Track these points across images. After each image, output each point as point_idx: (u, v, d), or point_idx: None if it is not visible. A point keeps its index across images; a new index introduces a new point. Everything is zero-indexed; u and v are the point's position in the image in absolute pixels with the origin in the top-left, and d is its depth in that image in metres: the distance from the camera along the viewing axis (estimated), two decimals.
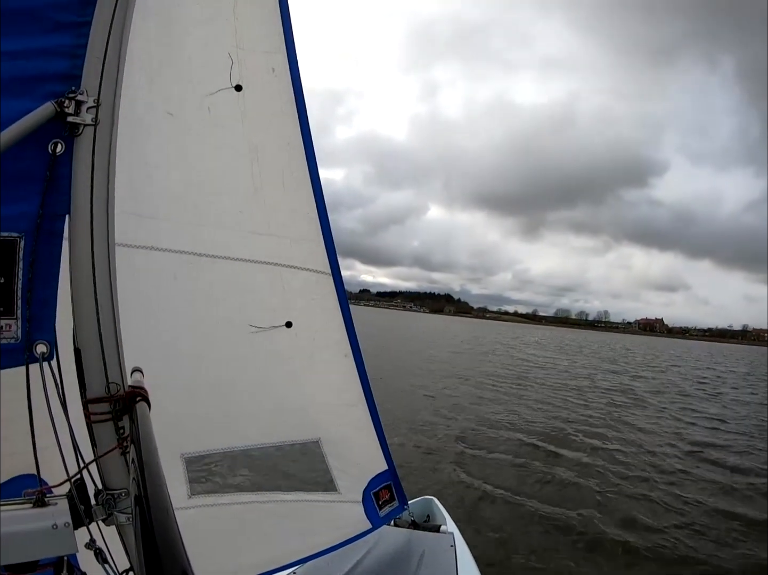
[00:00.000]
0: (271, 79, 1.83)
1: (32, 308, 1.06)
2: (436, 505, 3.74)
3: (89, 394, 1.04)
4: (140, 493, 0.72)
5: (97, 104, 1.08)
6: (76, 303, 1.05)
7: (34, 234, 1.06)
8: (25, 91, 1.07)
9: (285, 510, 2.21)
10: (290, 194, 1.95)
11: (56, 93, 1.06)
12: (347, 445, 2.29)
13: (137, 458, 0.81)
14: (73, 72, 1.09)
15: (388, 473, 2.42)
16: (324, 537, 2.25)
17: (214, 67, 1.73)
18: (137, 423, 0.94)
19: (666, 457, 9.34)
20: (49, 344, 1.09)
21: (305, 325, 2.07)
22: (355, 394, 2.25)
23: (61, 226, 1.09)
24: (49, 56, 1.09)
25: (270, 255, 1.95)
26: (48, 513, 0.86)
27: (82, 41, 1.10)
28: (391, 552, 2.80)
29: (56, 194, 1.07)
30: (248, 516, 2.12)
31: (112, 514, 1.00)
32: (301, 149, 1.91)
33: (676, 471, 8.51)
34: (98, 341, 1.05)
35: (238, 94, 1.77)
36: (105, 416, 1.03)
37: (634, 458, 9.10)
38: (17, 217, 1.05)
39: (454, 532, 3.13)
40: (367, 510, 2.35)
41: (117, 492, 1.02)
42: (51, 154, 1.05)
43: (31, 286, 1.06)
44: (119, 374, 1.07)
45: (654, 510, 6.48)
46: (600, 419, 12.60)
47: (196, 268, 1.81)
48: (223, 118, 1.77)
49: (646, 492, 7.19)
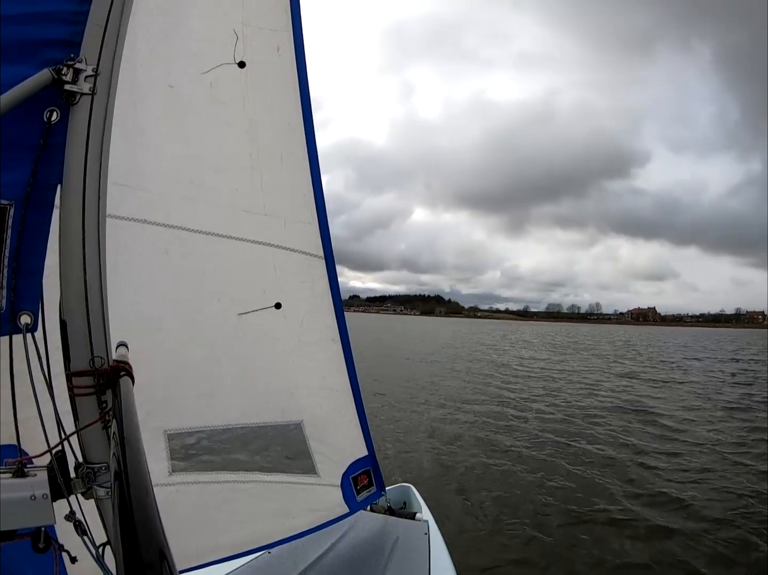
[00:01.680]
0: (275, 58, 1.80)
1: (18, 278, 1.05)
2: (413, 493, 3.79)
3: (73, 367, 1.03)
4: (120, 468, 0.72)
5: (96, 73, 1.05)
6: (63, 275, 1.04)
7: (25, 202, 1.04)
8: (23, 56, 1.05)
9: (264, 491, 2.23)
10: (287, 175, 1.93)
11: (55, 60, 1.04)
12: (329, 429, 2.30)
13: (118, 433, 0.81)
14: (74, 39, 1.07)
15: (368, 458, 2.45)
16: (302, 520, 2.27)
17: (218, 41, 1.69)
18: (120, 398, 0.94)
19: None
20: (34, 315, 1.08)
21: (294, 307, 2.07)
22: (340, 379, 2.26)
23: (52, 196, 1.07)
24: (50, 22, 1.07)
25: (263, 235, 1.93)
26: (27, 484, 0.86)
27: (84, 8, 1.08)
28: (366, 536, 2.84)
29: (49, 163, 1.05)
30: (228, 496, 2.13)
31: (92, 488, 1.00)
32: (301, 130, 1.89)
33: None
34: (84, 314, 1.04)
35: (241, 70, 1.74)
36: (88, 389, 1.03)
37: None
38: (8, 184, 1.04)
39: (429, 520, 3.18)
40: (345, 494, 2.38)
41: (97, 466, 1.02)
42: (46, 122, 1.03)
43: (17, 255, 1.04)
44: (104, 348, 1.06)
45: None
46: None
47: (188, 244, 1.79)
48: (224, 94, 1.74)
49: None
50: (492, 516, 5.92)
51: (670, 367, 25.16)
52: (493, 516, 5.92)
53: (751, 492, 6.71)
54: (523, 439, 9.50)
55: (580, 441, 9.35)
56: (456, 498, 6.43)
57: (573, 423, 10.91)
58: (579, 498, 6.46)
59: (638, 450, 8.85)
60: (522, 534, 5.46)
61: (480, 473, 7.50)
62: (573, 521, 5.79)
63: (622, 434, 10.02)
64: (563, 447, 8.94)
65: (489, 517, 5.89)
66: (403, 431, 9.84)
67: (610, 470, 7.70)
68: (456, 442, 9.15)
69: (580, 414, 11.84)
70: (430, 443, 9.06)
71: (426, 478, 7.03)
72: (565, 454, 8.50)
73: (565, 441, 9.36)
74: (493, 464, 7.91)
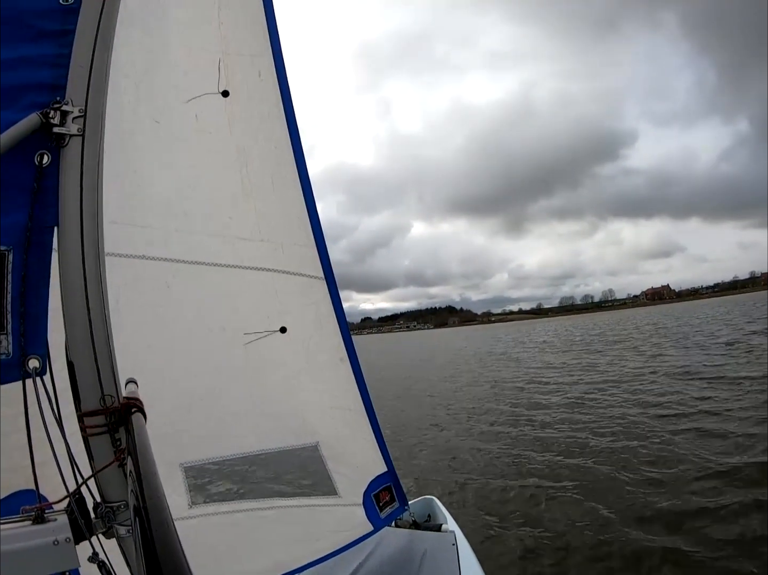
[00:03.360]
0: (257, 83, 1.82)
1: (25, 323, 1.05)
2: (437, 504, 3.74)
3: (84, 407, 1.03)
4: (139, 505, 0.71)
5: (84, 114, 1.07)
6: (67, 316, 1.04)
7: (24, 246, 1.04)
8: (9, 101, 1.06)
9: (286, 516, 2.20)
10: (280, 199, 1.94)
11: (40, 103, 1.05)
12: (346, 448, 2.28)
13: (135, 470, 0.80)
14: (58, 82, 1.08)
15: (387, 475, 2.42)
16: (326, 542, 2.24)
17: (200, 73, 1.72)
18: (133, 435, 0.93)
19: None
20: (42, 358, 1.07)
21: (300, 330, 2.06)
22: (352, 398, 2.24)
23: (49, 238, 1.08)
24: (32, 66, 1.08)
25: (262, 261, 1.94)
26: (48, 530, 0.85)
27: (65, 50, 1.09)
28: (394, 553, 2.79)
29: (44, 206, 1.05)
30: (250, 524, 2.11)
31: (112, 527, 0.99)
32: (289, 152, 1.91)
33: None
34: (91, 353, 1.04)
35: (225, 99, 1.76)
36: (101, 428, 1.02)
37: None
38: (5, 229, 1.04)
39: (456, 530, 3.13)
40: (368, 512, 2.35)
41: (116, 504, 1.01)
42: (37, 165, 1.04)
43: (22, 299, 1.04)
44: (113, 386, 1.06)
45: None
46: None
47: (188, 276, 1.80)
48: (210, 124, 1.76)
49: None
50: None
51: (728, 350, 17.47)
52: None
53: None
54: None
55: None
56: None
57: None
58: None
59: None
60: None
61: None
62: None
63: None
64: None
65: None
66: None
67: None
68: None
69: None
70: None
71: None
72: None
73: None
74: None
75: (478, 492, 6.74)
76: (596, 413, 10.50)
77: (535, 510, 5.93)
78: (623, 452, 7.65)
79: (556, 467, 7.42)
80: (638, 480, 6.39)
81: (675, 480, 6.16)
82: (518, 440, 9.21)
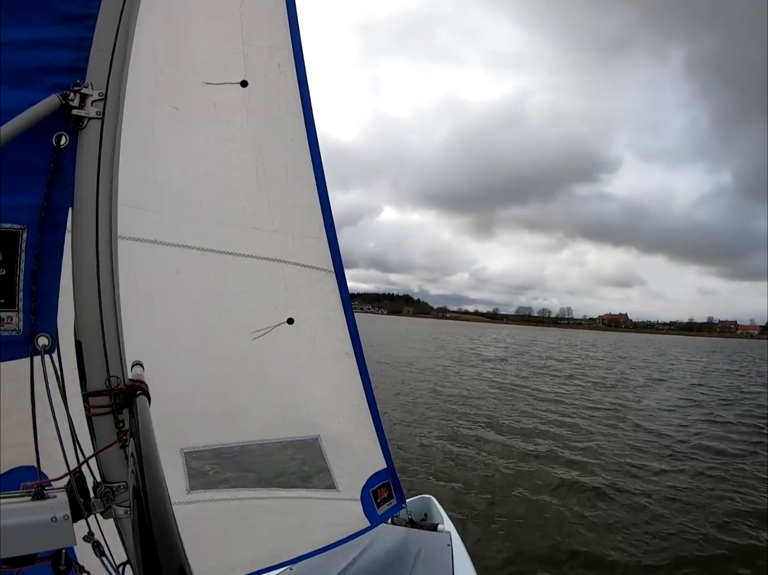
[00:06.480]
0: (276, 75, 1.82)
1: (36, 300, 1.06)
2: (434, 504, 3.74)
3: (89, 387, 1.04)
4: (138, 487, 0.72)
5: (103, 98, 1.08)
6: (78, 296, 1.05)
7: (38, 226, 1.06)
8: (29, 82, 1.07)
9: (284, 507, 2.21)
10: (294, 191, 1.94)
11: (61, 85, 1.06)
12: (347, 443, 2.29)
13: (136, 452, 0.81)
14: (78, 64, 1.09)
15: (386, 471, 2.42)
16: (322, 535, 2.25)
17: (220, 62, 1.72)
18: (137, 417, 0.94)
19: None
20: (51, 336, 1.09)
21: (307, 323, 2.07)
22: (355, 393, 2.24)
23: (64, 219, 1.09)
24: (55, 48, 1.09)
25: (273, 251, 1.94)
26: (47, 506, 0.86)
27: (87, 34, 1.10)
28: (388, 550, 2.80)
29: (60, 187, 1.07)
30: (246, 513, 2.12)
31: (110, 507, 1.00)
32: (305, 146, 1.91)
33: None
34: (100, 334, 1.05)
35: (243, 89, 1.76)
36: (105, 409, 1.03)
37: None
38: (20, 208, 1.05)
39: (451, 531, 3.14)
40: (366, 508, 2.35)
41: (115, 485, 1.02)
42: (55, 146, 1.05)
43: (35, 277, 1.06)
44: (120, 367, 1.07)
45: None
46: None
47: (199, 263, 1.81)
48: (228, 113, 1.76)
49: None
50: None
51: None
52: None
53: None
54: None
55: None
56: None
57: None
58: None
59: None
60: None
61: None
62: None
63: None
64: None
65: None
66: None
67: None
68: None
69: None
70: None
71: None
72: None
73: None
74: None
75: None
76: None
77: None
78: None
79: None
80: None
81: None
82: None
